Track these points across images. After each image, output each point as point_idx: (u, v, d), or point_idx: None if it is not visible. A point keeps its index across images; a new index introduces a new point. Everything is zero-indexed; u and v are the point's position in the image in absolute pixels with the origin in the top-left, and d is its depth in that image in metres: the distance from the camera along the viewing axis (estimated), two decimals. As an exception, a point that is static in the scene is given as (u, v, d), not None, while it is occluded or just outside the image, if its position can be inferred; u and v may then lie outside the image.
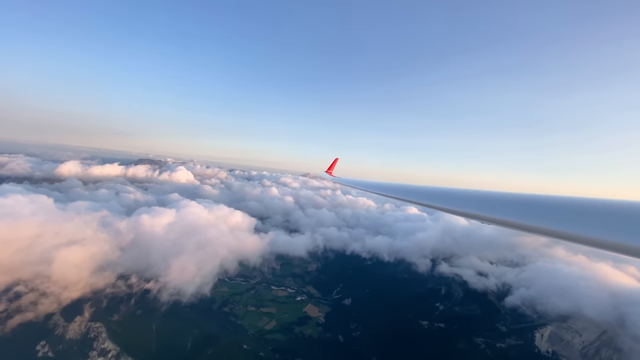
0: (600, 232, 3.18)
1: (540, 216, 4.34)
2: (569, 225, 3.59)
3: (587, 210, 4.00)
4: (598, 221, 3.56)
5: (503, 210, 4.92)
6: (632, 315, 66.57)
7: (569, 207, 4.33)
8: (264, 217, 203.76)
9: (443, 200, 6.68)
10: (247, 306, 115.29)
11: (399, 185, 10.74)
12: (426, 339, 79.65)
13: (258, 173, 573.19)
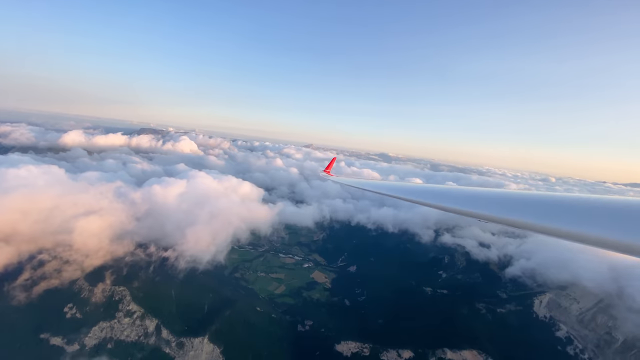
0: (605, 231, 3.23)
1: (541, 215, 4.37)
2: (573, 224, 3.60)
3: (591, 209, 4.01)
4: (603, 220, 3.57)
5: (505, 209, 4.91)
6: (629, 288, 69.87)
7: (570, 206, 4.37)
8: (270, 189, 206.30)
9: (444, 200, 6.67)
10: (258, 272, 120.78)
11: (399, 185, 10.79)
12: (430, 304, 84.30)
13: (260, 143, 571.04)
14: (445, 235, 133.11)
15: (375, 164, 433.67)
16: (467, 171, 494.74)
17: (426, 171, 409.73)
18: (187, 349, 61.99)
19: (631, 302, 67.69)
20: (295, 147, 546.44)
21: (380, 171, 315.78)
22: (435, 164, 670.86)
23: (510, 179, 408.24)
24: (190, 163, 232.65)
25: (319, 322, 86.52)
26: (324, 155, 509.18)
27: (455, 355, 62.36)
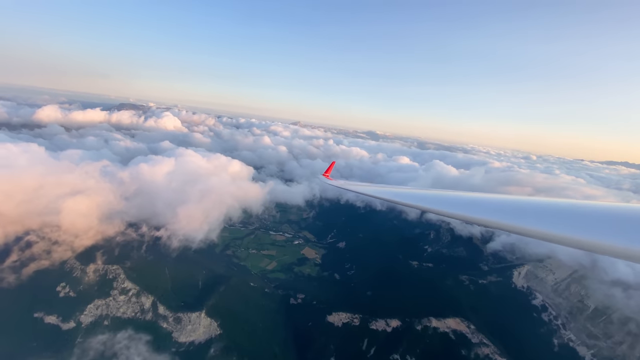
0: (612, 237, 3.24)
1: (542, 221, 4.37)
2: (576, 230, 3.59)
3: (598, 215, 4.00)
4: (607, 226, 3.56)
5: (509, 216, 4.87)
6: (600, 261, 75.67)
7: (573, 212, 4.40)
8: (259, 167, 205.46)
9: (445, 205, 6.71)
10: (249, 249, 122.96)
11: (400, 189, 10.74)
12: (416, 276, 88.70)
13: (246, 120, 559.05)
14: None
15: (364, 142, 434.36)
16: (452, 149, 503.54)
17: (413, 149, 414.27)
18: (185, 323, 63.81)
19: (602, 274, 73.66)
20: (283, 125, 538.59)
21: (368, 149, 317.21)
22: (422, 142, 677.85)
23: (493, 157, 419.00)
24: (175, 140, 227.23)
25: (311, 296, 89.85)
26: (311, 133, 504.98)
27: (440, 323, 66.85)
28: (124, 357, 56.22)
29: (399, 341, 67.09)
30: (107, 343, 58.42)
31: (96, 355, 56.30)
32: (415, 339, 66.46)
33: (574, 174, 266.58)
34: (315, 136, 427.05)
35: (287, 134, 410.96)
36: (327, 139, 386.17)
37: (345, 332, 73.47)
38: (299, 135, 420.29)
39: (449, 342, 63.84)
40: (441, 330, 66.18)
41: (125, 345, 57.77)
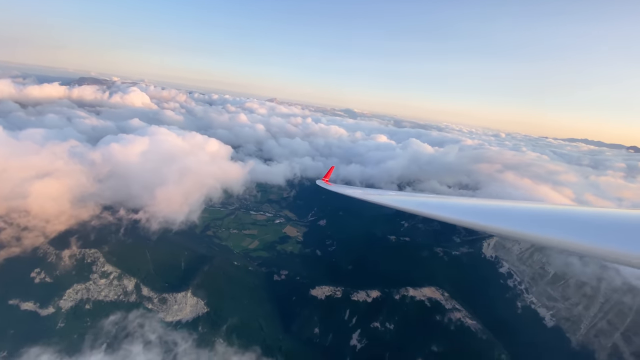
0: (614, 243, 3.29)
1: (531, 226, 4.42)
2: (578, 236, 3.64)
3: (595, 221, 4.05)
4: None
5: (514, 222, 4.87)
6: None
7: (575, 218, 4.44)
8: (236, 146, 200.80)
9: (449, 212, 6.82)
10: (230, 229, 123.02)
11: (403, 194, 10.80)
12: (394, 250, 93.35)
13: (220, 97, 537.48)
14: (407, 188, 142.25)
15: (342, 120, 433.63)
16: (427, 127, 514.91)
17: (390, 128, 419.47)
18: (171, 303, 64.26)
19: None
20: (259, 102, 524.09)
21: (346, 127, 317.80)
22: (399, 120, 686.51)
23: (466, 135, 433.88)
24: (145, 118, 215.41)
25: (294, 272, 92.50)
26: (289, 110, 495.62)
27: (417, 292, 71.78)
28: (138, 334, 56.49)
29: (379, 310, 71.59)
30: (120, 323, 58.11)
31: (110, 336, 55.89)
32: (393, 308, 71.19)
33: (539, 151, 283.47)
34: (292, 114, 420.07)
35: (264, 112, 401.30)
36: (305, 117, 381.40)
37: (328, 304, 77.12)
38: (276, 113, 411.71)
39: (425, 309, 69.06)
40: (417, 299, 71.18)
41: (138, 324, 57.86)
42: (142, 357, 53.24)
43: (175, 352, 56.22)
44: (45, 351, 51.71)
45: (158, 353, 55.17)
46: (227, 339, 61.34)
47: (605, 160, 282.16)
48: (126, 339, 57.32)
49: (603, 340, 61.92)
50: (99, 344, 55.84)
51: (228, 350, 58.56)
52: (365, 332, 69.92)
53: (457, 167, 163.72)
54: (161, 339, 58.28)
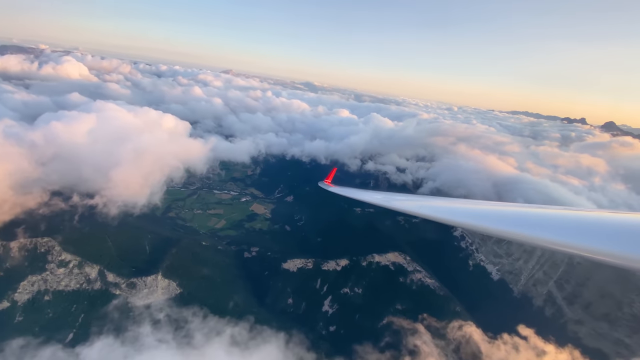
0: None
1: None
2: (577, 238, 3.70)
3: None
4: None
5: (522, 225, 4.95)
6: (507, 195, 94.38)
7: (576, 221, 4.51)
8: (193, 122, 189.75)
9: (449, 214, 6.97)
10: (194, 210, 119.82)
11: (406, 197, 10.82)
12: (359, 221, 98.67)
13: (169, 68, 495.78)
14: (369, 163, 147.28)
15: (303, 94, 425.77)
16: (386, 101, 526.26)
17: (351, 102, 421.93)
18: (140, 287, 62.70)
19: None
20: (213, 73, 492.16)
21: (308, 102, 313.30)
22: (359, 94, 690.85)
23: (422, 109, 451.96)
24: (86, 92, 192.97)
25: (264, 248, 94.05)
26: (246, 83, 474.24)
27: (382, 258, 77.79)
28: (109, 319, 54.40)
29: (348, 277, 76.70)
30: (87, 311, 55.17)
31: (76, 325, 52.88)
32: (361, 274, 76.73)
33: (487, 124, 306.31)
34: (251, 87, 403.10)
35: (219, 84, 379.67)
36: (264, 90, 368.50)
37: (300, 275, 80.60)
38: (233, 85, 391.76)
39: (389, 273, 75.42)
40: (382, 264, 77.26)
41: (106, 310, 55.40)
42: (116, 343, 52.36)
43: (150, 333, 55.92)
44: (7, 346, 48.57)
45: (132, 335, 54.51)
46: (202, 317, 62.08)
47: (543, 131, 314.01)
48: (95, 325, 55.60)
49: (539, 289, 73.22)
50: (66, 333, 53.61)
51: (204, 327, 59.54)
52: (336, 298, 74.90)
53: (415, 141, 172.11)
54: (134, 321, 57.42)
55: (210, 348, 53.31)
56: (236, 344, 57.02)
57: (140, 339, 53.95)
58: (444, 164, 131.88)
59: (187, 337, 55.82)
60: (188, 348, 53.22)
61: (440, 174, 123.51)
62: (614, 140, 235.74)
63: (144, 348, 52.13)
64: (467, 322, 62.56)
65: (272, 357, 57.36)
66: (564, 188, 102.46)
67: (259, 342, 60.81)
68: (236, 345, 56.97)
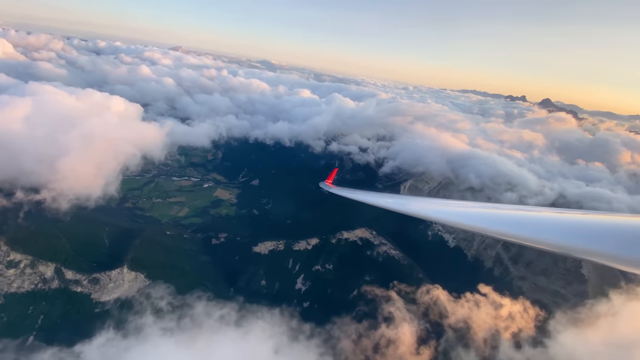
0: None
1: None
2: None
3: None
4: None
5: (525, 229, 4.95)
6: (461, 170, 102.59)
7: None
8: (143, 105, 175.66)
9: (452, 216, 6.98)
10: (152, 199, 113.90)
11: (411, 200, 10.80)
12: (327, 201, 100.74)
13: (109, 44, 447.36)
14: (333, 144, 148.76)
15: (261, 73, 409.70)
16: (346, 81, 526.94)
17: (311, 81, 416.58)
18: (105, 282, 59.61)
19: (459, 181, 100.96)
20: (161, 51, 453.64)
21: (267, 81, 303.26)
22: (318, 73, 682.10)
23: (380, 89, 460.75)
24: (13, 72, 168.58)
25: (233, 233, 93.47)
26: (199, 61, 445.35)
27: (350, 234, 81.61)
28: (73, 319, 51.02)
29: (319, 255, 79.63)
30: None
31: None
32: (331, 250, 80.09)
33: (441, 102, 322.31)
34: (204, 65, 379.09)
35: (169, 62, 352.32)
36: (219, 69, 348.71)
37: (271, 257, 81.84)
38: (184, 64, 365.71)
39: (357, 247, 79.66)
40: (351, 240, 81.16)
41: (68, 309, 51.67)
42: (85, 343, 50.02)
43: (121, 327, 54.20)
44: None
45: (106, 333, 52.46)
46: (176, 305, 61.26)
47: (490, 109, 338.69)
48: (58, 326, 52.43)
49: (489, 252, 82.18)
50: (26, 337, 49.95)
51: (179, 315, 58.98)
52: (308, 275, 77.76)
53: (375, 120, 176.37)
54: (100, 318, 55.07)
55: (188, 334, 53.26)
56: (214, 329, 57.41)
57: (129, 329, 52.17)
58: (403, 143, 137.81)
59: (165, 327, 55.04)
60: (169, 336, 52.64)
61: (399, 152, 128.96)
62: (551, 116, 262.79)
63: (142, 338, 50.76)
64: (434, 285, 69.10)
65: (251, 338, 58.78)
66: (509, 161, 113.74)
67: (236, 326, 61.78)
68: (214, 330, 57.40)
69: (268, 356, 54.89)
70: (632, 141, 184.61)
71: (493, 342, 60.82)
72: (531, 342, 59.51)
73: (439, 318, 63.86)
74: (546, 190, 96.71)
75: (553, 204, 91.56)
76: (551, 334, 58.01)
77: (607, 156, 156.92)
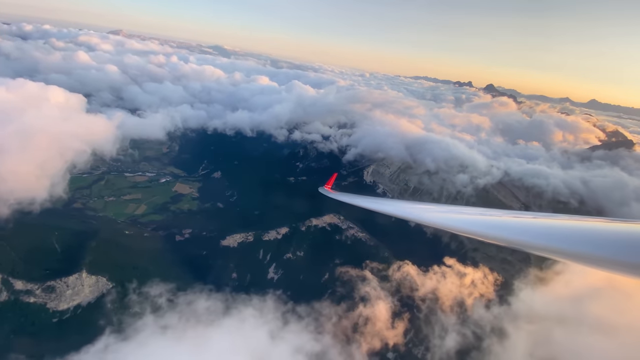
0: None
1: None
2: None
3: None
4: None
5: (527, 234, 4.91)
6: (418, 155, 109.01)
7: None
8: (85, 95, 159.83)
9: (463, 224, 6.77)
10: (104, 197, 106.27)
11: (414, 204, 10.83)
12: (294, 190, 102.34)
13: (36, 27, 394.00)
14: (295, 132, 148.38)
15: (214, 59, 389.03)
16: (304, 68, 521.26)
17: (269, 68, 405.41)
18: (61, 290, 55.17)
19: (417, 165, 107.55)
20: (99, 35, 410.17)
21: (222, 68, 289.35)
22: (275, 60, 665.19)
23: (338, 76, 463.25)
24: None
25: (198, 228, 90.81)
26: (144, 46, 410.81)
27: (319, 221, 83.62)
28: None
29: (289, 243, 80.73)
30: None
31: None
32: (301, 238, 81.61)
33: (396, 89, 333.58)
34: (151, 51, 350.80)
35: (109, 48, 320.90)
36: (168, 55, 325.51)
37: (241, 249, 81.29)
38: (127, 49, 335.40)
39: (327, 233, 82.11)
40: (320, 226, 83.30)
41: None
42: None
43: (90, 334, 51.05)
44: None
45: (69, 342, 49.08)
46: (145, 308, 58.91)
47: (441, 94, 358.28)
48: (11, 341, 47.93)
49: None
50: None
51: (150, 317, 56.94)
52: (280, 264, 78.75)
53: (336, 108, 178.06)
54: (60, 328, 51.33)
55: (161, 335, 51.85)
56: (184, 326, 56.46)
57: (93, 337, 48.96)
58: (364, 130, 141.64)
59: (138, 328, 52.80)
60: (137, 338, 50.64)
61: (361, 139, 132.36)
62: (494, 101, 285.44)
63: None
64: (404, 261, 74.02)
65: (225, 331, 58.76)
66: (461, 144, 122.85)
67: (209, 320, 61.22)
68: (185, 327, 56.46)
69: (247, 349, 55.50)
70: (563, 122, 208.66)
71: (461, 307, 67.90)
72: (496, 302, 67.66)
73: (410, 292, 69.24)
74: (493, 170, 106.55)
75: (500, 182, 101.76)
76: (512, 293, 66.61)
77: (543, 136, 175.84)
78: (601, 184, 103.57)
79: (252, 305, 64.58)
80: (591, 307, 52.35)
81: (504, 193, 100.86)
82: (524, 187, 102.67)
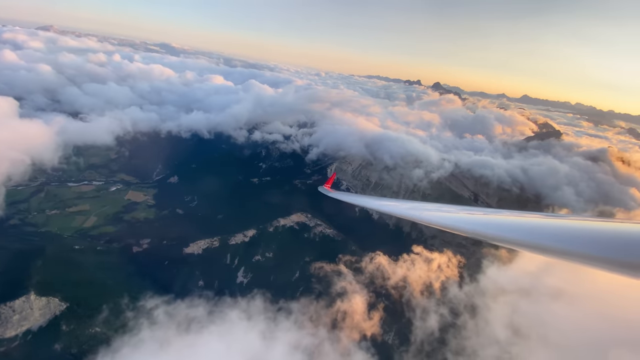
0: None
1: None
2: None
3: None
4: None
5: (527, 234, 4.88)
6: (377, 152, 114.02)
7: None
8: (15, 98, 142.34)
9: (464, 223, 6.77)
10: (45, 211, 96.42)
11: (417, 205, 10.83)
12: (259, 190, 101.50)
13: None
14: (255, 132, 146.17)
15: (162, 57, 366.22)
16: (259, 67, 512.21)
17: (222, 67, 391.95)
18: (7, 315, 49.09)
19: (377, 162, 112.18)
20: (26, 31, 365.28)
21: (171, 67, 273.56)
22: (228, 58, 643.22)
23: (294, 75, 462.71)
24: None
25: (157, 237, 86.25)
26: (80, 43, 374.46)
27: (286, 220, 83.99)
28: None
29: (257, 245, 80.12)
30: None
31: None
32: (270, 239, 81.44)
33: (352, 88, 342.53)
34: (89, 49, 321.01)
35: (40, 46, 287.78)
36: (109, 53, 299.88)
37: (207, 256, 78.87)
38: (61, 47, 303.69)
39: (295, 232, 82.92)
40: (288, 225, 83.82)
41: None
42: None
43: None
44: None
45: None
46: (105, 326, 54.97)
47: (393, 93, 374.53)
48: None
49: (405, 220, 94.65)
50: None
51: (111, 336, 53.34)
52: (249, 267, 77.93)
53: (296, 107, 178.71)
54: (7, 357, 46.06)
55: (134, 350, 48.94)
56: (156, 339, 53.90)
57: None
58: (324, 129, 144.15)
59: (106, 347, 49.10)
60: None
61: (322, 139, 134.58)
62: (442, 98, 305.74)
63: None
64: (376, 253, 77.26)
65: (199, 342, 57.21)
66: (416, 140, 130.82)
67: (178, 332, 59.04)
68: (155, 341, 53.89)
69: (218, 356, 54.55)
70: (502, 116, 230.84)
71: (433, 289, 72.93)
72: (464, 282, 73.84)
73: (383, 281, 72.80)
74: (445, 163, 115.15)
75: (451, 174, 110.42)
76: (477, 272, 72.99)
77: (486, 129, 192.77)
78: (537, 171, 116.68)
79: (220, 311, 63.33)
80: (548, 279, 59.27)
81: (456, 184, 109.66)
82: (472, 177, 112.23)
